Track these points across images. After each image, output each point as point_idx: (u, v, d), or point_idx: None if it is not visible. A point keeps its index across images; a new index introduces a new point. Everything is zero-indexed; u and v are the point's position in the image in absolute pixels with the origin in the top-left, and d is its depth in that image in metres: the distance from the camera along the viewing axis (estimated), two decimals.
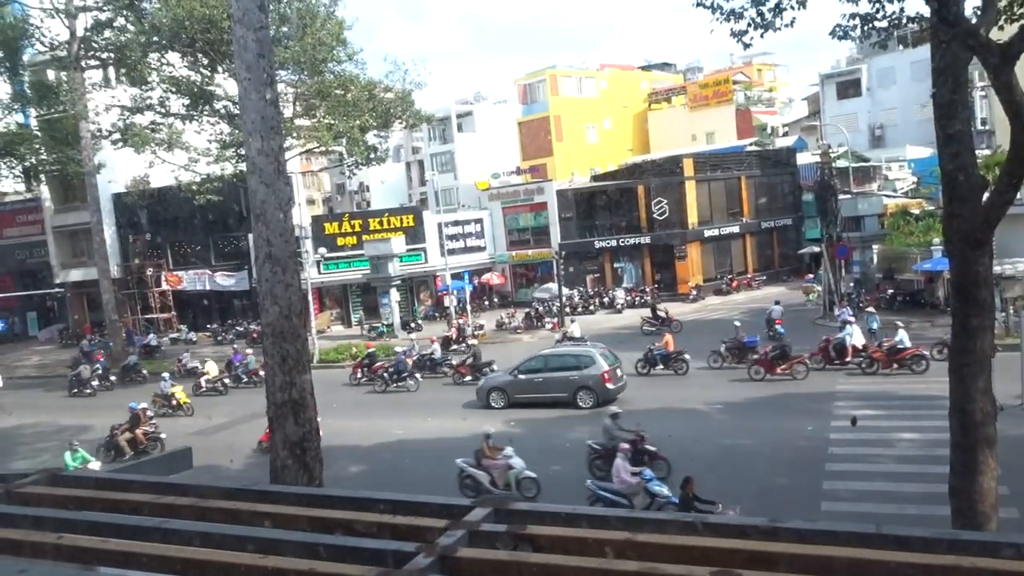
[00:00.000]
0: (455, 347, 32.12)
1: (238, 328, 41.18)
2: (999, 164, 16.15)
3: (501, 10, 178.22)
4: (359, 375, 28.28)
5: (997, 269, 20.91)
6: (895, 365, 22.03)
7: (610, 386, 21.55)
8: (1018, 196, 17.42)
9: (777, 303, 29.80)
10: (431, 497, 2.53)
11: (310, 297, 33.87)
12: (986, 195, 9.69)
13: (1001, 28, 14.96)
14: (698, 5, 12.89)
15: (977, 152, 11.71)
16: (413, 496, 2.59)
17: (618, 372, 22.15)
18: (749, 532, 2.17)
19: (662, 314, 33.21)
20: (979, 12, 11.04)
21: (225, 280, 43.52)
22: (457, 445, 19.01)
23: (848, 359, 22.98)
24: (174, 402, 25.44)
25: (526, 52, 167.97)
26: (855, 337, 23.28)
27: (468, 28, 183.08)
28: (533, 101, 62.51)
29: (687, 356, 24.73)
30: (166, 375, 27.25)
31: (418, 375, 26.89)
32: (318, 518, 2.48)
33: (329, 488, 2.84)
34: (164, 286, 44.40)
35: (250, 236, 38.19)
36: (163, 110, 33.34)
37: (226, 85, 32.76)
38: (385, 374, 26.79)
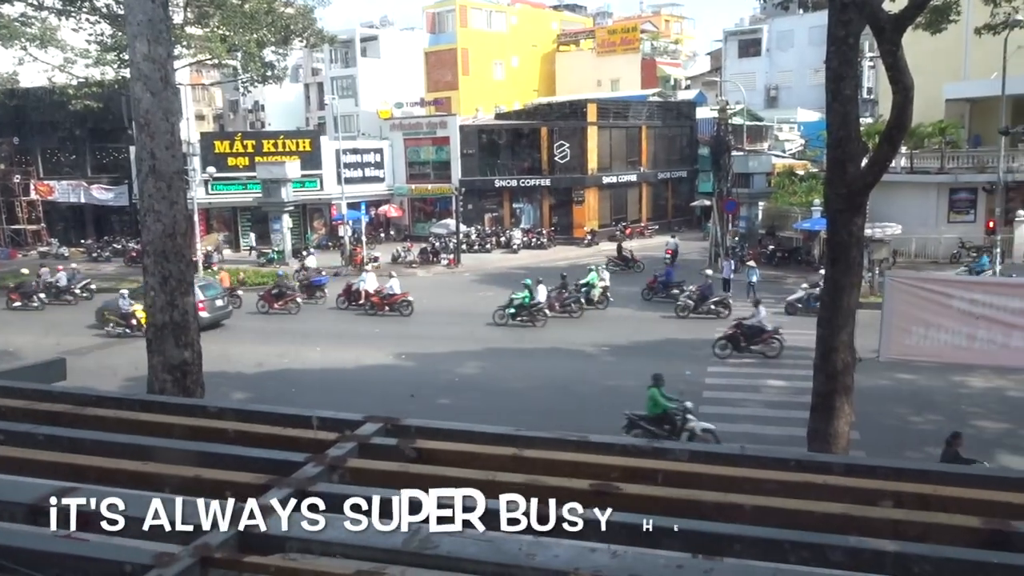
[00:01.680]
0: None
1: (115, 245, 39.06)
2: (879, 133, 17.05)
3: None
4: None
5: (868, 232, 22.27)
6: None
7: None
8: (892, 164, 18.47)
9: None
10: (322, 411, 2.52)
11: (196, 218, 32.38)
12: (865, 160, 10.26)
13: (892, 0, 15.63)
14: None
15: (861, 120, 12.32)
16: (303, 410, 2.57)
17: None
18: (629, 451, 2.30)
19: (627, 254, 33.52)
20: None
21: (102, 193, 40.96)
22: (344, 377, 18.93)
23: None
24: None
25: None
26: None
27: None
28: (441, 31, 60.91)
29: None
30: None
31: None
32: (204, 428, 2.44)
33: (215, 400, 2.78)
34: (33, 195, 41.35)
35: (132, 148, 36.05)
36: (36, 2, 30.49)
37: None
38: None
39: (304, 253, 31.40)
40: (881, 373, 16.22)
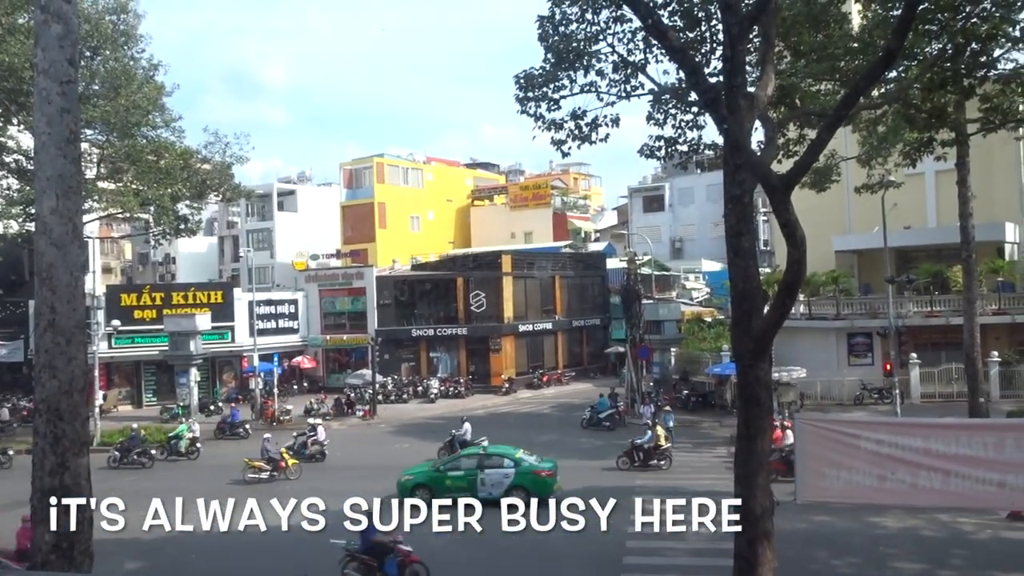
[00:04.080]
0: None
1: (5, 404, 36.59)
2: (777, 281, 18.13)
3: (330, 93, 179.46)
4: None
5: (775, 375, 23.12)
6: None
7: None
8: (792, 311, 19.52)
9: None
10: None
11: (96, 373, 30.91)
12: (767, 307, 10.81)
13: (780, 162, 17.12)
14: (522, 112, 13.78)
15: (760, 270, 13.10)
16: None
17: None
18: None
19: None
20: (762, 146, 12.60)
21: None
22: (246, 540, 17.70)
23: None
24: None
25: (355, 138, 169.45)
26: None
27: (297, 108, 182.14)
28: (359, 186, 62.59)
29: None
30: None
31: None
32: None
33: (102, 574, 2.50)
34: None
35: (31, 302, 34.68)
36: None
37: (20, 138, 30.14)
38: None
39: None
40: (800, 516, 16.35)
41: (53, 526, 8.12)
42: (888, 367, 28.59)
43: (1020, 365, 32.00)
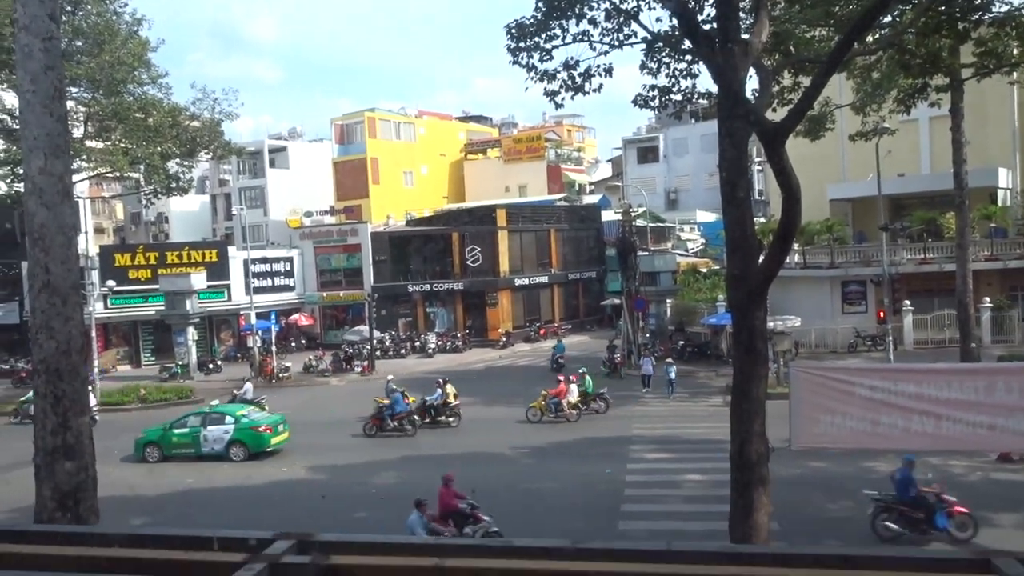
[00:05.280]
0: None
1: (2, 365, 36.73)
2: (772, 231, 18.09)
3: (320, 49, 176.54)
4: None
5: (770, 324, 23.22)
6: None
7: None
8: (787, 261, 19.50)
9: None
10: (226, 531, 2.35)
11: (93, 334, 30.91)
12: (762, 257, 10.81)
13: (774, 110, 16.94)
14: (515, 63, 13.55)
15: (755, 220, 13.06)
16: (205, 530, 2.38)
17: None
18: (554, 553, 2.22)
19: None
20: (757, 94, 12.46)
21: None
22: (251, 494, 17.98)
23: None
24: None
25: (346, 93, 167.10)
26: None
27: (287, 63, 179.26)
28: (350, 142, 61.93)
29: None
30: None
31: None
32: (92, 558, 2.22)
33: (105, 526, 2.54)
34: None
35: (23, 263, 34.45)
36: None
37: (4, 96, 29.63)
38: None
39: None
40: (794, 462, 16.59)
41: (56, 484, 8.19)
42: (882, 314, 28.77)
43: (1011, 310, 32.23)
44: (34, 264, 8.47)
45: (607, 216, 51.51)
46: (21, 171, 22.00)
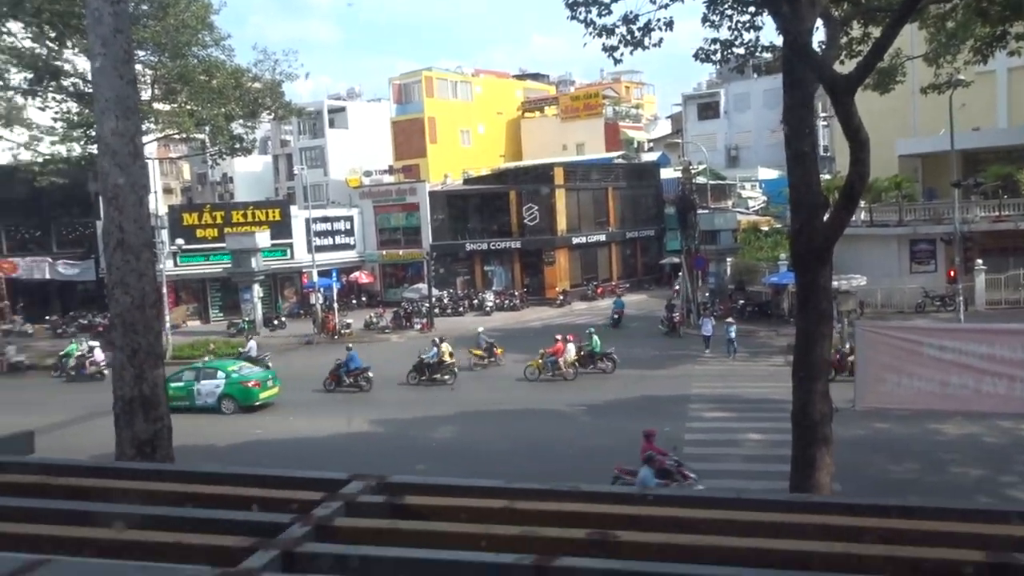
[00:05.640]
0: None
1: (81, 320, 38.34)
2: (838, 188, 17.54)
3: (378, 8, 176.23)
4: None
5: (835, 284, 22.68)
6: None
7: None
8: (853, 218, 18.92)
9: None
10: (304, 472, 2.47)
11: (164, 290, 32.03)
12: (827, 214, 10.52)
13: (842, 63, 16.30)
14: (572, 19, 13.29)
15: (820, 176, 12.67)
16: (284, 471, 2.51)
17: None
18: (623, 499, 2.26)
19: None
20: (824, 46, 11.99)
21: (68, 269, 40.40)
22: (319, 446, 18.55)
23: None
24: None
25: (404, 53, 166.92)
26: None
27: (345, 24, 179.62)
28: (408, 101, 62.04)
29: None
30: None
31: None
32: (181, 493, 2.35)
33: (192, 464, 2.71)
34: None
35: (98, 223, 35.75)
36: (1, 82, 30.56)
37: (76, 61, 30.46)
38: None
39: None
40: (858, 423, 16.30)
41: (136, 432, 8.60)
42: (952, 274, 27.79)
43: None
44: (109, 223, 8.79)
45: (666, 174, 50.67)
46: (94, 133, 22.74)
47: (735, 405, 20.38)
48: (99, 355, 28.29)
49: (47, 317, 39.62)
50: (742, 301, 34.53)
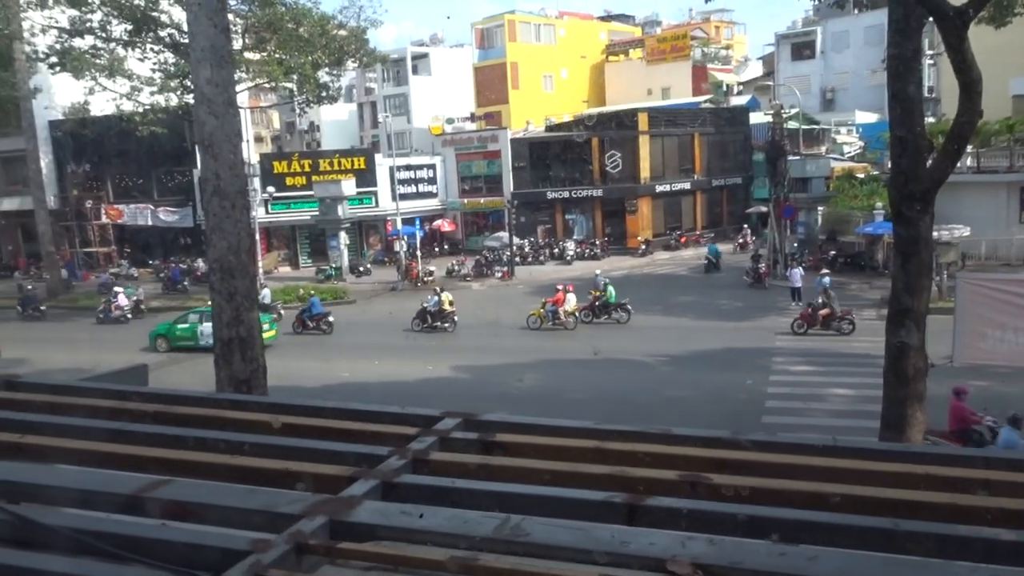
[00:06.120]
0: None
1: (181, 265, 40.22)
2: (943, 132, 16.55)
3: None
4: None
5: (935, 234, 21.58)
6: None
7: None
8: (958, 164, 17.86)
9: None
10: (399, 408, 2.58)
11: (257, 236, 33.20)
12: (931, 159, 9.97)
13: None
14: None
15: (925, 118, 11.97)
16: (382, 407, 2.63)
17: None
18: (714, 442, 2.26)
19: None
20: None
21: (168, 215, 42.31)
22: (405, 390, 19.10)
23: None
24: None
25: None
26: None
27: None
28: (490, 46, 61.44)
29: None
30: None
31: None
32: (287, 424, 2.49)
33: (295, 398, 2.90)
34: (104, 219, 42.98)
35: (195, 171, 37.21)
36: (104, 35, 31.74)
37: (171, 12, 31.35)
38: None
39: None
40: (955, 380, 15.65)
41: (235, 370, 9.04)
42: None
43: None
44: (205, 170, 9.14)
45: (756, 118, 48.84)
46: (190, 83, 23.41)
47: (822, 359, 19.85)
48: (122, 300, 30.11)
49: (150, 262, 41.72)
50: (833, 252, 33.29)
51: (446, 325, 26.13)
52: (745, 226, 41.97)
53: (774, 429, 13.81)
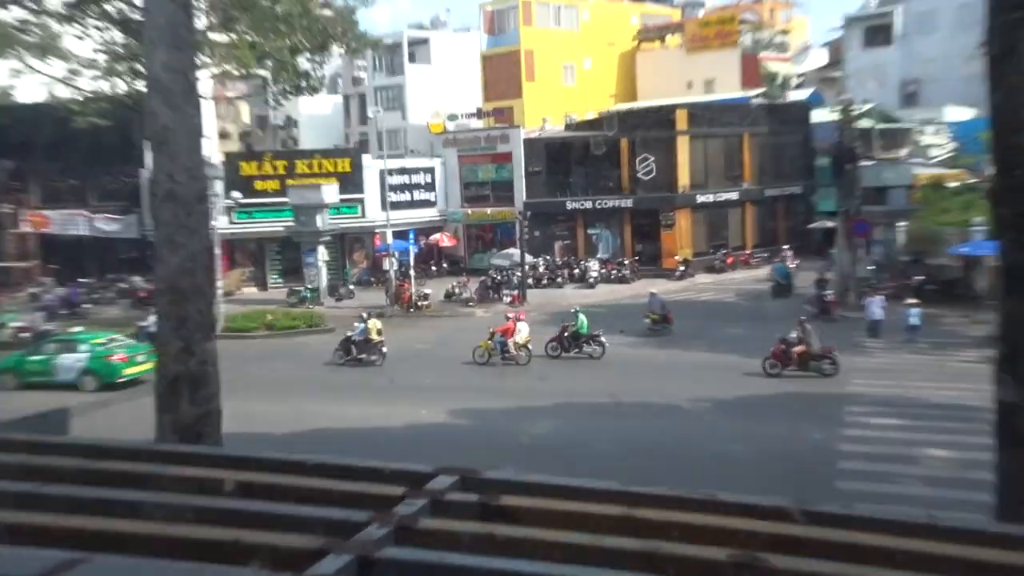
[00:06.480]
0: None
1: (120, 284, 40.10)
2: None
3: None
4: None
5: None
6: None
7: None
8: None
9: None
10: (385, 463, 2.56)
11: (217, 251, 33.19)
12: None
13: None
14: None
15: None
16: (363, 460, 2.59)
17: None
18: (773, 514, 2.21)
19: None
20: None
21: (108, 224, 42.42)
22: (387, 436, 18.83)
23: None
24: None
25: None
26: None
27: None
28: (501, 32, 62.01)
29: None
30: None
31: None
32: (243, 482, 2.45)
33: (258, 450, 2.81)
34: (25, 228, 42.97)
35: (144, 172, 37.27)
36: (35, 6, 31.88)
37: None
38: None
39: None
40: None
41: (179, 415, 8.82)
42: None
43: None
44: (157, 171, 8.97)
45: (819, 116, 48.98)
46: (141, 68, 23.43)
47: (911, 410, 19.44)
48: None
49: (81, 280, 41.32)
50: (920, 277, 32.97)
51: (373, 358, 26.52)
52: (785, 247, 41.92)
53: (853, 498, 13.40)
